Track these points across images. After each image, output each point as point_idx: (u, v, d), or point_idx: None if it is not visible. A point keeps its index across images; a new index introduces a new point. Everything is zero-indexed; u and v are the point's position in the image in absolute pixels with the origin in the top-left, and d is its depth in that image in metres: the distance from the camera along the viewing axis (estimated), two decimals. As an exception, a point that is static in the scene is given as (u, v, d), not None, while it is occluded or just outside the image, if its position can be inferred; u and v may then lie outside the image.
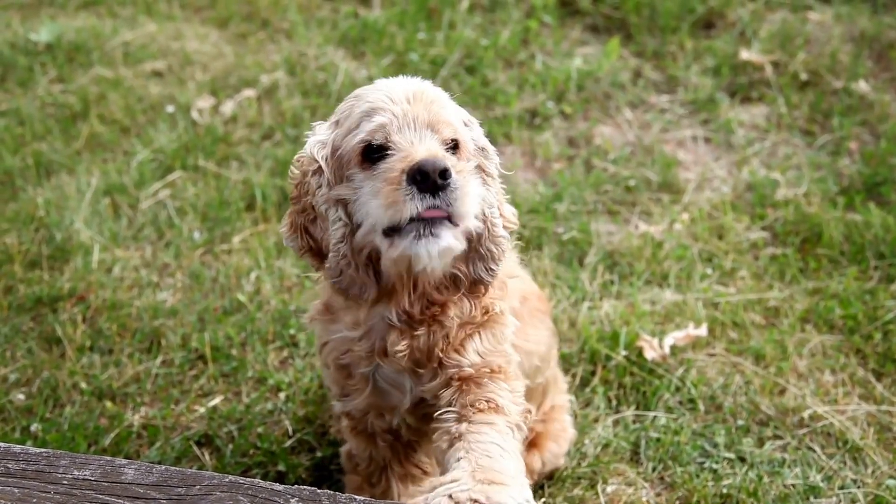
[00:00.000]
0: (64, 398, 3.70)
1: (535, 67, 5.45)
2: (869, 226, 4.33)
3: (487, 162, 2.61)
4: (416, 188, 2.31)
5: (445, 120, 2.49)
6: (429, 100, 2.49)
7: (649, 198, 4.64)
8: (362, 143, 2.44)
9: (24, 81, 5.48)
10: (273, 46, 5.79)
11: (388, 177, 2.36)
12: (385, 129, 2.43)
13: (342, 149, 2.50)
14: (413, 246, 2.35)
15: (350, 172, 2.48)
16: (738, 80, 5.35)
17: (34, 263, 4.29)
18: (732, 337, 3.93)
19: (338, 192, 2.49)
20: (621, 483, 3.39)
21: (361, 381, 2.74)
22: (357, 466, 3.05)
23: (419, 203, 2.32)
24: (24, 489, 2.39)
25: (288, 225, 2.64)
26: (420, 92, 2.50)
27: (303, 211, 2.60)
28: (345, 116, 2.55)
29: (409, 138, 2.42)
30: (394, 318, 2.59)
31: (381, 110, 2.45)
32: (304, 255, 2.63)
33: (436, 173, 2.31)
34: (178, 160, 4.86)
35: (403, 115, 2.44)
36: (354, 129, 2.48)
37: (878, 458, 3.44)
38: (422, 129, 2.44)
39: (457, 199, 2.34)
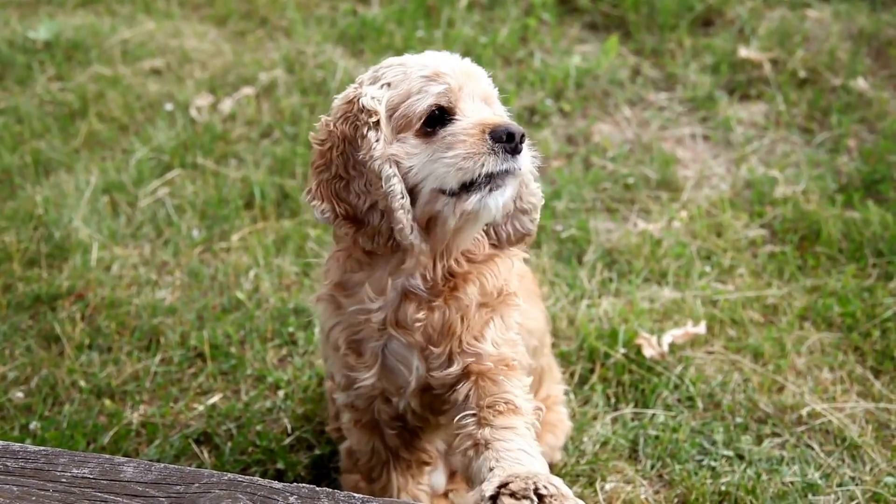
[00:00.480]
0: (63, 396, 3.70)
1: (534, 65, 5.45)
2: (867, 223, 4.33)
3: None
4: (502, 147, 2.44)
5: (493, 96, 2.62)
6: (478, 75, 2.61)
7: (648, 195, 4.65)
8: (432, 107, 2.49)
9: (23, 79, 5.48)
10: (272, 44, 5.79)
11: (467, 133, 2.44)
12: (453, 93, 2.50)
13: (400, 111, 2.51)
14: (484, 198, 2.46)
15: (403, 136, 2.50)
16: (736, 78, 5.35)
17: (33, 261, 4.29)
18: (731, 334, 3.93)
19: (393, 151, 2.50)
20: (620, 481, 3.40)
21: (371, 358, 2.71)
22: (357, 462, 3.05)
23: (501, 161, 2.45)
24: (22, 487, 2.39)
25: (318, 195, 2.57)
26: (472, 67, 2.61)
27: (334, 177, 2.55)
28: (398, 80, 2.54)
29: (472, 107, 2.52)
30: (419, 285, 2.60)
31: (446, 75, 2.51)
32: (339, 223, 2.57)
33: (519, 135, 2.46)
34: (176, 158, 4.86)
35: (466, 85, 2.53)
36: (417, 94, 2.50)
37: (877, 455, 3.44)
38: (478, 101, 2.56)
39: (525, 165, 2.53)
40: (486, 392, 2.61)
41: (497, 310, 2.69)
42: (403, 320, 2.62)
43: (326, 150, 2.57)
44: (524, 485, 2.28)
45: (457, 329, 2.63)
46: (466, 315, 2.64)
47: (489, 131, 2.44)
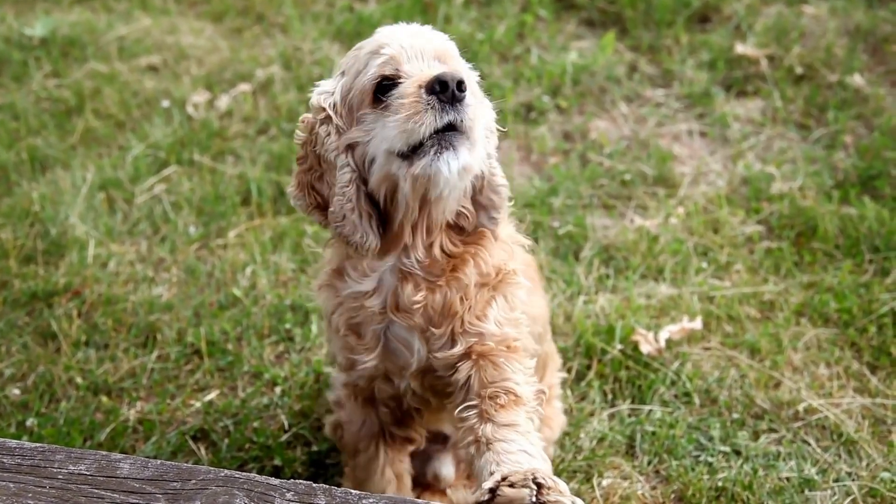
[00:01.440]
0: (59, 393, 3.70)
1: (531, 62, 5.45)
2: (864, 219, 4.34)
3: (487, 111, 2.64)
4: (435, 99, 2.35)
5: (451, 53, 2.56)
6: (430, 35, 2.57)
7: (645, 192, 4.65)
8: (375, 79, 2.47)
9: (19, 76, 5.47)
10: (268, 41, 5.78)
11: (404, 94, 2.39)
12: (395, 59, 2.47)
13: (352, 92, 2.52)
14: (434, 162, 2.39)
15: (361, 114, 2.51)
16: (733, 74, 5.35)
17: (29, 258, 4.29)
18: (727, 330, 3.93)
19: (349, 136, 2.51)
20: (616, 477, 3.40)
21: (373, 340, 2.72)
22: (342, 437, 3.05)
23: (439, 115, 2.35)
24: (19, 484, 2.39)
25: (295, 184, 2.66)
26: (422, 29, 2.58)
27: (310, 169, 2.63)
28: (349, 65, 2.58)
29: (419, 67, 2.47)
30: (413, 265, 2.59)
31: (388, 45, 2.50)
32: (311, 212, 2.65)
33: (454, 82, 2.34)
34: (173, 155, 4.86)
35: (411, 46, 2.49)
36: (363, 70, 2.51)
37: (873, 450, 3.45)
38: (430, 59, 2.50)
39: (471, 116, 2.38)
40: (488, 377, 2.60)
41: (498, 289, 2.68)
42: (403, 303, 2.62)
43: (303, 144, 2.65)
44: (523, 476, 2.29)
45: (457, 309, 2.63)
46: (466, 295, 2.63)
47: (424, 84, 2.36)
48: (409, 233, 2.58)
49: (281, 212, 4.54)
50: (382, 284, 2.65)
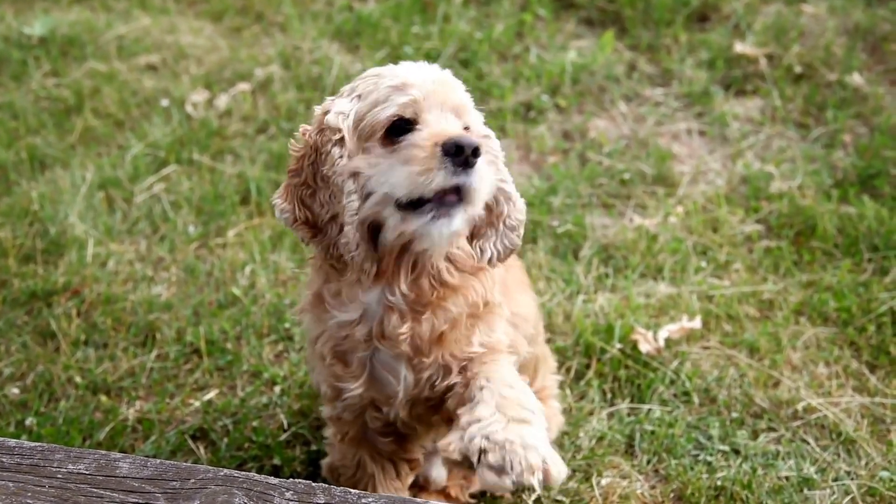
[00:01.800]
0: (59, 392, 3.70)
1: (530, 61, 5.45)
2: (863, 218, 4.34)
3: (494, 145, 2.66)
4: (450, 160, 2.37)
5: (465, 106, 2.58)
6: (452, 85, 2.58)
7: (644, 191, 4.65)
8: (393, 117, 2.48)
9: (18, 75, 5.47)
10: (267, 40, 5.78)
11: (420, 146, 2.40)
12: (418, 105, 2.48)
13: (366, 121, 2.52)
14: (427, 225, 2.41)
15: (369, 145, 2.50)
16: (732, 73, 5.36)
17: (28, 257, 4.28)
18: (727, 329, 3.93)
19: (354, 164, 2.50)
20: (616, 476, 3.40)
21: (358, 368, 2.72)
22: (340, 478, 3.05)
23: (450, 175, 2.37)
24: (18, 483, 2.39)
25: (284, 196, 2.63)
26: (444, 77, 2.58)
27: (303, 183, 2.60)
28: (368, 91, 2.56)
29: (437, 118, 2.48)
30: (396, 299, 2.59)
31: (413, 86, 2.50)
32: (297, 227, 2.62)
33: (470, 149, 2.37)
34: (172, 154, 4.86)
35: (434, 94, 2.50)
36: (383, 103, 2.50)
37: (872, 449, 3.45)
38: (447, 111, 2.52)
39: (478, 181, 2.41)
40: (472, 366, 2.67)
41: (483, 318, 2.70)
42: (388, 332, 2.62)
43: (300, 157, 2.62)
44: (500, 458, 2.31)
45: (447, 338, 2.64)
46: (457, 325, 2.65)
47: (441, 143, 2.38)
48: (392, 268, 2.57)
49: (280, 211, 4.53)
50: (367, 313, 2.64)
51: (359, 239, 2.51)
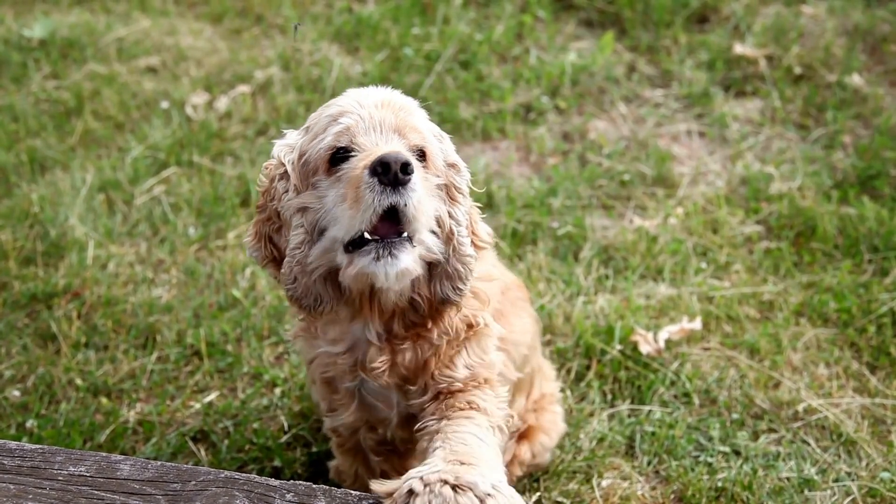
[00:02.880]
0: (59, 394, 3.70)
1: (530, 62, 5.45)
2: (863, 219, 4.34)
3: (458, 178, 2.56)
4: (377, 180, 2.27)
5: (413, 125, 2.47)
6: (397, 106, 2.47)
7: (644, 192, 4.65)
8: (329, 150, 2.41)
9: (18, 78, 5.47)
10: (267, 42, 5.79)
11: (351, 175, 2.34)
12: (350, 131, 2.41)
13: (308, 154, 2.47)
14: (372, 265, 2.33)
15: (316, 179, 2.45)
16: (732, 75, 5.36)
17: (29, 260, 4.29)
18: (727, 331, 3.93)
19: (302, 200, 2.45)
20: (616, 477, 3.40)
21: (347, 397, 2.73)
22: (344, 483, 3.05)
23: (379, 196, 2.27)
24: (19, 485, 2.39)
25: (253, 234, 2.60)
26: (389, 98, 2.48)
27: (268, 219, 2.56)
28: (314, 123, 2.52)
29: (375, 140, 2.40)
30: (372, 336, 2.57)
31: (348, 113, 2.43)
32: (266, 266, 2.60)
33: (398, 164, 2.26)
34: (172, 156, 4.86)
35: (370, 117, 2.42)
36: (321, 134, 2.45)
37: (873, 450, 3.45)
38: (388, 132, 2.42)
39: (415, 202, 2.30)
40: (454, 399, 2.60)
41: (470, 340, 2.65)
42: (367, 365, 2.59)
43: (263, 192, 2.59)
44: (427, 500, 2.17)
45: (431, 365, 2.62)
46: (438, 352, 2.61)
47: (368, 165, 2.29)
48: (365, 306, 2.52)
49: (280, 213, 4.54)
50: (354, 345, 2.62)
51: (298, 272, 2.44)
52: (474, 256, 2.55)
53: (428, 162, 2.48)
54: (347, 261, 2.38)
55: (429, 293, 2.53)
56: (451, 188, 2.54)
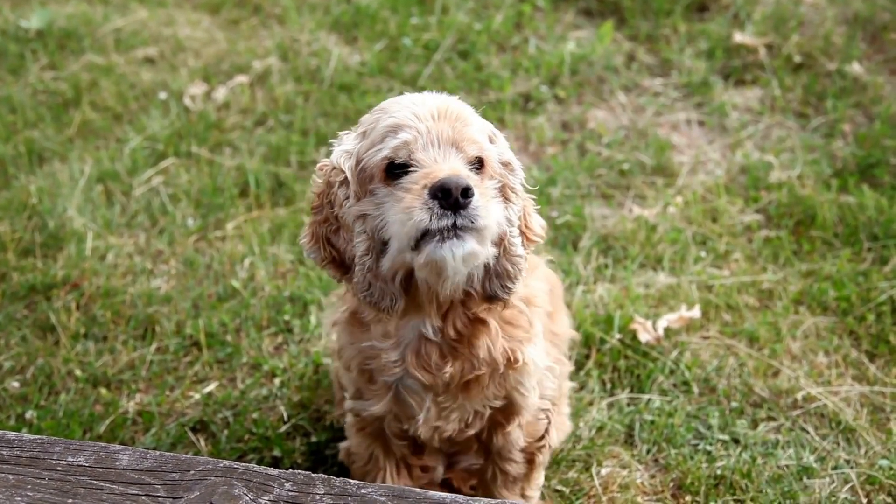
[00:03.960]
0: (59, 385, 3.70)
1: (529, 51, 5.44)
2: (862, 208, 4.34)
3: (512, 177, 2.57)
4: (437, 203, 2.30)
5: (470, 138, 2.46)
6: (454, 116, 2.46)
7: (643, 181, 4.64)
8: (385, 161, 2.41)
9: (16, 69, 5.46)
10: (265, 32, 5.77)
11: (409, 191, 2.34)
12: (409, 146, 2.40)
13: (365, 161, 2.46)
14: (437, 249, 2.33)
15: (373, 187, 2.45)
16: (731, 63, 5.35)
17: (27, 251, 4.28)
18: (726, 319, 3.93)
19: (361, 208, 2.47)
20: (616, 465, 3.40)
21: (383, 389, 2.73)
22: (353, 464, 3.05)
23: (437, 217, 2.30)
24: (18, 476, 2.39)
25: (309, 235, 2.60)
26: (445, 108, 2.46)
27: (325, 221, 2.57)
28: (371, 129, 2.50)
29: (433, 156, 2.39)
30: (428, 330, 2.59)
31: (406, 127, 2.42)
32: (325, 266, 2.60)
33: (458, 190, 2.29)
34: (170, 147, 4.85)
35: (428, 132, 2.41)
36: (378, 144, 2.44)
37: (872, 438, 3.45)
38: (446, 146, 2.42)
39: (478, 215, 2.33)
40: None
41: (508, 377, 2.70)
42: (426, 363, 2.61)
43: (319, 194, 2.59)
44: None
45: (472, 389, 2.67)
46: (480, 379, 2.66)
47: (429, 187, 2.31)
48: (427, 302, 2.55)
49: (279, 203, 4.54)
50: (404, 341, 2.63)
51: (371, 278, 2.47)
52: (524, 257, 2.58)
53: (485, 170, 2.48)
54: (416, 254, 2.38)
55: (481, 290, 2.56)
56: (505, 188, 2.55)
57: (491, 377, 2.67)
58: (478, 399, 2.70)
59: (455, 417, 2.74)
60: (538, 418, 2.88)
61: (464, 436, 2.82)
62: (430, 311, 2.56)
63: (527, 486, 2.99)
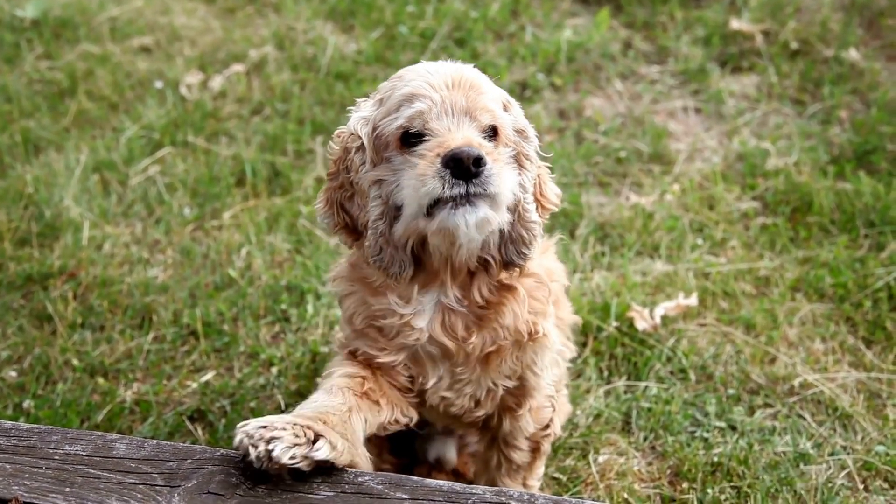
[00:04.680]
0: (56, 375, 3.70)
1: (525, 39, 5.42)
2: (859, 194, 4.33)
3: (526, 144, 2.59)
4: (449, 173, 2.33)
5: (483, 106, 2.48)
6: (468, 86, 2.48)
7: (640, 169, 4.64)
8: (400, 129, 2.45)
9: (11, 58, 5.44)
10: (261, 21, 5.75)
11: (423, 158, 2.37)
12: (423, 116, 2.43)
13: (381, 129, 2.50)
14: (451, 216, 2.36)
15: (389, 154, 2.48)
16: (728, 50, 5.33)
17: (24, 241, 4.28)
18: (723, 307, 3.93)
19: (377, 173, 2.50)
20: (613, 453, 3.41)
21: (396, 347, 2.69)
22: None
23: (450, 188, 2.33)
24: (15, 465, 2.39)
25: (324, 201, 2.63)
26: (459, 77, 2.48)
27: (340, 187, 2.60)
28: (387, 96, 2.53)
29: (447, 125, 2.42)
30: (451, 300, 2.60)
31: (420, 97, 2.44)
32: (338, 231, 2.63)
33: (470, 160, 2.32)
34: (167, 136, 4.84)
35: (442, 101, 2.43)
36: (394, 113, 2.47)
37: (868, 424, 3.46)
38: (460, 115, 2.44)
39: (491, 183, 2.35)
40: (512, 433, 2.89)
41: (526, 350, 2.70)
42: (452, 331, 2.61)
43: (336, 160, 2.62)
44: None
45: (492, 362, 2.67)
46: (501, 351, 2.66)
47: (441, 156, 2.34)
48: (443, 270, 2.57)
49: (275, 192, 4.53)
50: (425, 311, 2.62)
51: (383, 243, 2.50)
52: (539, 223, 2.60)
53: (499, 137, 2.51)
54: (428, 221, 2.40)
55: (499, 256, 2.58)
56: (519, 156, 2.58)
57: (511, 350, 2.68)
58: (495, 373, 2.69)
59: (468, 392, 2.72)
60: (544, 406, 2.88)
61: (472, 416, 2.80)
62: (446, 279, 2.58)
63: (528, 476, 3.00)
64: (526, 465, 2.96)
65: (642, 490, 3.29)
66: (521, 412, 2.83)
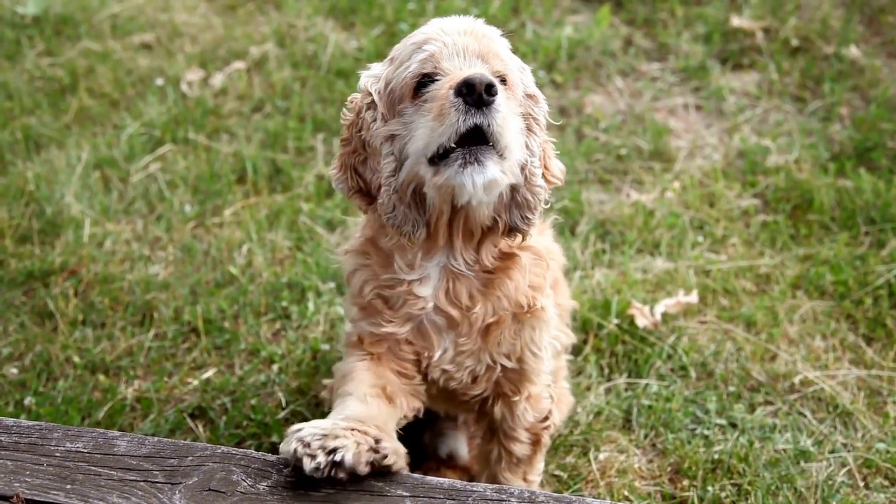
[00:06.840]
0: (57, 372, 3.70)
1: (526, 36, 5.42)
2: (860, 191, 4.34)
3: (536, 108, 2.60)
4: (462, 101, 2.32)
5: (496, 52, 2.51)
6: (480, 33, 2.51)
7: (641, 166, 4.64)
8: (415, 77, 2.46)
9: (12, 55, 5.44)
10: (262, 18, 5.75)
11: (436, 95, 2.38)
12: (434, 57, 2.45)
13: (394, 82, 2.51)
14: (458, 175, 2.36)
15: (402, 108, 2.49)
16: (728, 47, 5.33)
17: (25, 238, 4.28)
18: (724, 304, 3.94)
19: (389, 128, 2.50)
20: (613, 450, 3.41)
21: (402, 318, 2.69)
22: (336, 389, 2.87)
23: (463, 115, 2.32)
24: (16, 462, 2.40)
25: (338, 166, 2.64)
26: (472, 26, 2.52)
27: (354, 151, 2.61)
28: (398, 52, 2.56)
29: (459, 65, 2.44)
30: (459, 264, 2.59)
31: (433, 41, 2.47)
32: (352, 196, 2.63)
33: (482, 86, 2.31)
34: (168, 133, 4.84)
35: (454, 44, 2.46)
36: (406, 62, 2.49)
37: (868, 421, 3.46)
38: (472, 57, 2.46)
39: (500, 122, 2.34)
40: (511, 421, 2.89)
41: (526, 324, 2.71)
42: (456, 300, 2.62)
43: (349, 125, 2.63)
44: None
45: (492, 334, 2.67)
46: (501, 322, 2.66)
47: (453, 87, 2.33)
48: (444, 233, 2.56)
49: (276, 189, 4.53)
50: (431, 277, 2.63)
51: (396, 200, 2.49)
52: (545, 188, 2.60)
53: (509, 89, 2.51)
54: (433, 172, 2.40)
55: (502, 219, 2.57)
56: (528, 119, 2.57)
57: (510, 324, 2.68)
58: (494, 346, 2.69)
59: (469, 366, 2.71)
60: (542, 396, 2.88)
61: (469, 393, 2.79)
62: (456, 242, 2.58)
63: (529, 471, 3.00)
64: (526, 458, 2.96)
65: (643, 487, 3.29)
66: (519, 398, 2.82)
